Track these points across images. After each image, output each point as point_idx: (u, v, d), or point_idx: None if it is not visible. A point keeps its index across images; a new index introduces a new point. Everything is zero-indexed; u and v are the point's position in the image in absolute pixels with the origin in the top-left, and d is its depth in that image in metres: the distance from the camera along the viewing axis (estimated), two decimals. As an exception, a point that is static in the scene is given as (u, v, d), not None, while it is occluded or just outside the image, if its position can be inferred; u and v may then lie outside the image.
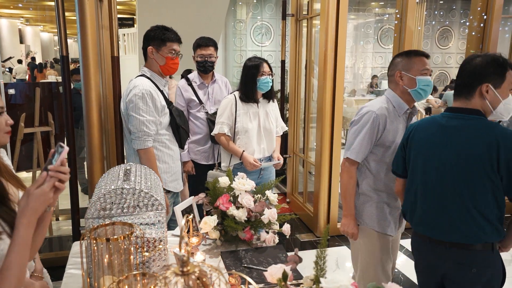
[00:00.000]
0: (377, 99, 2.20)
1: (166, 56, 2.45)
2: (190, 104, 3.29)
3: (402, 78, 2.11)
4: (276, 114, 3.13)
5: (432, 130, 1.83)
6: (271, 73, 2.93)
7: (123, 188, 1.67)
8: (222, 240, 2.00)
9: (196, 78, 3.31)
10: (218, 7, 6.12)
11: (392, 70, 2.17)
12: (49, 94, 3.93)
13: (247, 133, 2.93)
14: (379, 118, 2.08)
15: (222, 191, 2.05)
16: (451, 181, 1.75)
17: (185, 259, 0.87)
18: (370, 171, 2.17)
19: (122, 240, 1.43)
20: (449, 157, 1.75)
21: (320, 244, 1.26)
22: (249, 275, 1.69)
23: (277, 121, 3.13)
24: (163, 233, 1.72)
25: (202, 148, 3.32)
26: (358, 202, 2.21)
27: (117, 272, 1.50)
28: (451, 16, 11.75)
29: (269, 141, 3.05)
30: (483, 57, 1.74)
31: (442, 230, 1.79)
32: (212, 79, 3.35)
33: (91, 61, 2.70)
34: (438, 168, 1.79)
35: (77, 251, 1.95)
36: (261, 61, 2.90)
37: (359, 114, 2.16)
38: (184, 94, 3.28)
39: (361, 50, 11.34)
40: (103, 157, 2.86)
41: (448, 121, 1.80)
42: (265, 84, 2.89)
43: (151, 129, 2.39)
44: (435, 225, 1.81)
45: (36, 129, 3.78)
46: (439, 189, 1.79)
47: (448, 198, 1.76)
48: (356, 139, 2.11)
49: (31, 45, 21.05)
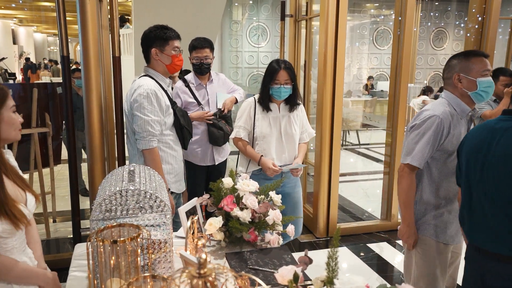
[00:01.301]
0: (437, 103, 2.09)
1: (171, 55, 2.44)
2: (188, 106, 3.26)
3: (461, 81, 2.01)
4: (303, 119, 2.93)
5: (482, 135, 1.70)
6: (289, 81, 2.69)
7: (128, 189, 1.65)
8: (226, 241, 1.99)
9: (193, 79, 3.29)
10: (214, 8, 6.11)
11: (448, 72, 2.07)
12: (45, 95, 3.91)
13: (266, 139, 2.78)
14: (443, 122, 1.98)
15: (226, 192, 2.04)
16: (491, 186, 1.63)
17: (202, 261, 0.86)
18: (432, 177, 2.08)
19: (130, 242, 1.42)
20: (493, 160, 1.62)
21: (330, 244, 1.25)
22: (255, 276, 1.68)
23: (302, 127, 2.93)
24: (169, 234, 1.71)
25: (200, 149, 3.30)
26: (416, 210, 2.13)
27: (123, 274, 1.49)
28: (446, 17, 11.83)
29: (292, 148, 2.86)
30: None
31: (487, 240, 1.69)
32: (209, 79, 3.33)
33: (92, 62, 2.68)
34: (482, 171, 1.67)
35: (80, 253, 1.93)
36: (278, 68, 2.68)
37: (420, 118, 2.04)
38: (182, 96, 3.25)
39: (357, 51, 11.39)
40: (104, 158, 2.84)
41: (498, 123, 1.66)
42: (278, 94, 2.70)
43: (156, 129, 2.38)
44: (480, 235, 1.71)
45: (33, 130, 3.75)
46: (481, 197, 1.69)
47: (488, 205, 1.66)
48: (417, 144, 2.01)
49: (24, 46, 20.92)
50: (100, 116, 2.78)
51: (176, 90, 3.27)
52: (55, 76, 15.30)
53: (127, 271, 1.49)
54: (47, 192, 4.11)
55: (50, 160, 4.01)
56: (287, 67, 2.69)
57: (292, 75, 2.70)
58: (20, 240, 1.55)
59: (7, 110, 1.49)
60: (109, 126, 2.98)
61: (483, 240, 1.69)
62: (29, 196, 1.57)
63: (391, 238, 4.06)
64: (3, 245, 1.48)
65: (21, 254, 1.56)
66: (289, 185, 2.88)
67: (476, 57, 1.99)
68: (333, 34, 3.63)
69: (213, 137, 3.25)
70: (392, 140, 4.11)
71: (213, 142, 3.27)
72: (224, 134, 3.28)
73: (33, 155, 3.84)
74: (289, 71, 2.68)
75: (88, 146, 2.79)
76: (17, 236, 1.52)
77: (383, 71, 11.79)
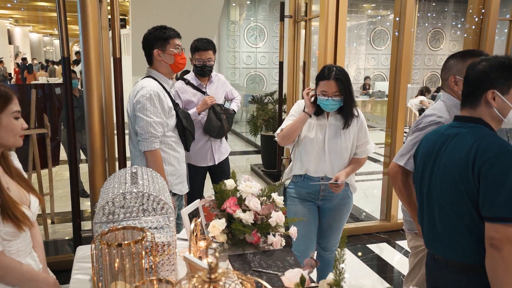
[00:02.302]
0: (437, 106, 2.02)
1: (174, 54, 2.43)
2: (188, 106, 3.19)
3: (457, 83, 1.96)
4: (359, 134, 2.52)
5: (433, 141, 1.69)
6: (338, 93, 2.34)
7: (132, 192, 1.64)
8: (229, 243, 1.98)
9: (193, 79, 3.23)
10: (212, 8, 6.11)
11: (445, 73, 2.01)
12: (43, 96, 3.88)
13: (306, 145, 2.48)
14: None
15: (228, 194, 2.03)
16: (438, 191, 1.63)
17: (213, 266, 0.85)
18: None
19: (134, 245, 1.41)
20: (440, 166, 1.62)
21: (340, 244, 1.25)
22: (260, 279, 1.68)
23: (357, 141, 2.53)
24: (172, 236, 1.70)
25: (199, 148, 3.21)
26: None
27: (128, 277, 1.48)
28: (443, 18, 11.88)
29: (337, 162, 2.49)
30: (487, 61, 1.58)
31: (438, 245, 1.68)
32: (209, 80, 3.28)
33: (93, 63, 2.66)
34: (430, 178, 1.67)
35: (82, 256, 1.92)
36: (327, 77, 2.34)
37: (424, 122, 1.98)
38: (182, 96, 3.18)
39: (354, 52, 11.41)
40: (104, 160, 2.82)
41: (448, 129, 1.65)
42: (325, 106, 2.38)
43: (158, 130, 2.37)
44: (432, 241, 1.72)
45: (31, 131, 3.73)
46: (431, 202, 1.68)
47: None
48: (415, 146, 1.92)
49: (20, 46, 20.83)
50: (101, 117, 2.76)
51: (176, 90, 3.23)
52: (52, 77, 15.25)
53: (131, 273, 1.48)
54: (45, 193, 4.09)
55: (48, 161, 3.99)
56: (337, 77, 2.32)
57: (344, 86, 2.34)
58: (25, 243, 1.54)
59: (8, 116, 1.46)
60: (110, 127, 2.96)
61: (435, 246, 1.68)
62: (32, 198, 1.56)
63: (390, 238, 4.07)
64: (8, 248, 1.47)
65: (26, 257, 1.55)
66: (334, 202, 2.57)
67: (473, 58, 1.92)
68: (333, 34, 3.63)
69: (209, 124, 3.13)
70: (391, 140, 4.12)
71: (207, 130, 3.15)
72: (220, 127, 3.17)
73: (32, 156, 3.82)
74: (340, 82, 2.32)
75: (88, 148, 2.77)
76: (21, 238, 1.52)
77: (380, 72, 11.81)
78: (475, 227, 1.51)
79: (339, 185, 2.42)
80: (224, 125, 3.20)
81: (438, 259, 1.68)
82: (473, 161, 1.47)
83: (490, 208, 1.44)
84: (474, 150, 1.48)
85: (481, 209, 1.47)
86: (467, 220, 1.53)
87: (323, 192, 2.53)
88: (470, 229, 1.53)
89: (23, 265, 1.51)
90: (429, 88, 9.55)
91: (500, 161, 1.43)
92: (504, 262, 1.41)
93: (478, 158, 1.46)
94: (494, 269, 1.44)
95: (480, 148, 1.47)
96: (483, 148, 1.46)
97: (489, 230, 1.44)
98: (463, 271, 1.58)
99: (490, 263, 1.45)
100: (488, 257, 1.46)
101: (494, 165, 1.43)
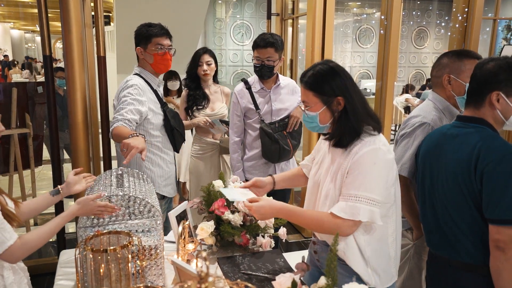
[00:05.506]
0: (424, 107, 1.99)
1: (153, 53, 2.34)
2: (247, 113, 2.77)
3: (451, 83, 1.91)
4: (345, 178, 1.50)
5: (436, 140, 1.69)
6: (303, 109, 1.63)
7: (117, 194, 1.60)
8: (218, 245, 1.95)
9: (256, 82, 2.76)
10: (198, 6, 6.04)
11: (438, 71, 1.95)
12: (25, 95, 3.77)
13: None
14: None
15: (217, 195, 2.00)
16: (440, 192, 1.63)
17: (203, 275, 0.82)
18: None
19: (120, 250, 1.37)
20: (441, 166, 1.62)
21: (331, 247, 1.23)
22: (248, 282, 1.65)
23: (341, 189, 1.51)
24: (159, 240, 1.66)
25: (255, 163, 2.81)
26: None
27: (113, 282, 1.43)
28: (427, 16, 11.98)
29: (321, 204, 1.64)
30: (496, 61, 1.53)
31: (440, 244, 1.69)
32: (275, 83, 2.78)
33: (76, 61, 2.58)
34: (432, 178, 1.67)
35: (66, 261, 1.86)
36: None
37: (410, 126, 1.94)
38: (240, 101, 2.75)
39: (340, 50, 11.44)
40: (89, 160, 2.75)
41: (450, 129, 1.65)
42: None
43: (129, 114, 2.18)
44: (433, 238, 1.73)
45: (13, 131, 3.63)
46: (435, 202, 1.68)
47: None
48: (407, 152, 1.91)
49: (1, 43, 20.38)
50: (85, 117, 2.69)
51: (235, 95, 2.81)
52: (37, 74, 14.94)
53: (117, 279, 1.44)
54: (28, 194, 3.99)
55: (31, 161, 3.89)
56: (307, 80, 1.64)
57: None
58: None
59: None
60: (94, 126, 2.89)
61: (437, 245, 1.69)
62: (7, 200, 1.52)
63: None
64: None
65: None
66: None
67: (468, 59, 1.88)
68: (320, 32, 3.61)
69: (266, 149, 2.71)
70: (378, 139, 4.12)
71: (266, 156, 2.73)
72: (280, 149, 2.69)
73: (13, 156, 3.72)
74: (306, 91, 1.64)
75: (72, 148, 2.70)
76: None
77: (366, 70, 11.88)
78: (477, 226, 1.52)
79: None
80: (281, 146, 2.69)
81: (440, 258, 1.68)
82: (476, 163, 1.46)
83: (493, 211, 1.44)
84: (476, 152, 1.47)
85: (485, 211, 1.46)
86: (469, 220, 1.53)
87: None
88: (472, 229, 1.53)
89: (39, 227, 1.50)
90: (414, 86, 9.64)
91: (503, 163, 1.43)
92: (509, 264, 1.42)
93: (480, 160, 1.45)
94: (499, 270, 1.45)
95: (482, 150, 1.46)
96: (486, 150, 1.46)
97: (493, 232, 1.44)
98: (465, 270, 1.59)
99: (495, 264, 1.46)
100: (493, 258, 1.46)
101: (497, 167, 1.43)
